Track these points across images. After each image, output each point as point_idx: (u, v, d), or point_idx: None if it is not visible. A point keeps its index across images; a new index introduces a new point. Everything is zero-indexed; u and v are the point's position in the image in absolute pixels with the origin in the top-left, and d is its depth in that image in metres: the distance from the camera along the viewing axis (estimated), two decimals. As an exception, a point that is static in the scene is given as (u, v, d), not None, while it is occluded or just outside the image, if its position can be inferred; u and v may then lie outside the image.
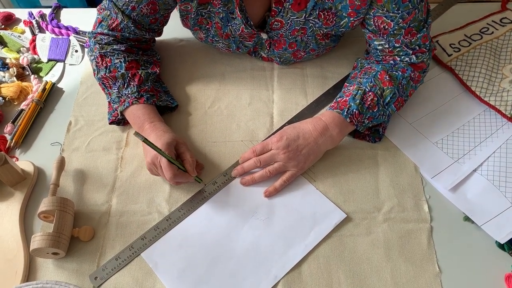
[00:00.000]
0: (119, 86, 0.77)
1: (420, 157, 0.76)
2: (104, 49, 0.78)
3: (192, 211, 0.71)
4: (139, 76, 0.77)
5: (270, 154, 0.72)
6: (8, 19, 1.00)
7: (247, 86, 0.87)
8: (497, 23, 0.92)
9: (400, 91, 0.74)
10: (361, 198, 0.72)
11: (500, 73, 0.84)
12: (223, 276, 0.65)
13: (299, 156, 0.71)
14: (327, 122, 0.73)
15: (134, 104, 0.75)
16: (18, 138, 0.80)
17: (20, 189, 0.74)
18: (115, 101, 0.77)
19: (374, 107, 0.73)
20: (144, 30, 0.80)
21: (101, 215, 0.72)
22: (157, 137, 0.70)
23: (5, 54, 0.92)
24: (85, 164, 0.77)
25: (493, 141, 0.76)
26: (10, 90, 0.85)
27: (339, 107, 0.73)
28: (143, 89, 0.77)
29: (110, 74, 0.77)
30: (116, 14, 0.77)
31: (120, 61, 0.78)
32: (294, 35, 0.78)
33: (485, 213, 0.69)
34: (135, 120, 0.75)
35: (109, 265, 0.66)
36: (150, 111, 0.75)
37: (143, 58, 0.82)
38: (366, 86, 0.73)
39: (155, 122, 0.74)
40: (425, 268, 0.66)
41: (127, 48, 0.80)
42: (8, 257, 0.67)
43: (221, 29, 0.79)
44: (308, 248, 0.67)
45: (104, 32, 0.79)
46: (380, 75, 0.74)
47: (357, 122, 0.72)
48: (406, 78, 0.75)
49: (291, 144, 0.71)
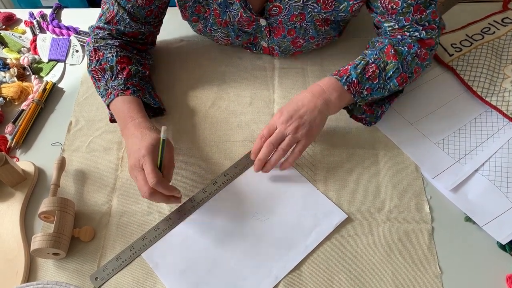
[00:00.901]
0: (107, 79, 0.76)
1: (421, 157, 0.76)
2: (98, 43, 0.79)
3: (193, 211, 0.71)
4: (128, 70, 0.76)
5: (278, 132, 0.71)
6: (9, 20, 1.00)
7: (248, 86, 0.87)
8: (498, 23, 0.92)
9: (404, 66, 0.73)
10: (362, 199, 0.72)
11: (501, 73, 0.83)
12: (223, 277, 0.65)
13: (305, 123, 0.70)
14: (324, 87, 0.72)
15: (120, 96, 0.73)
16: (18, 138, 0.80)
17: (21, 190, 0.74)
18: (103, 95, 0.77)
19: (374, 79, 0.72)
20: (140, 23, 0.79)
21: (101, 215, 0.72)
22: (142, 136, 0.67)
23: (5, 55, 0.92)
24: (86, 164, 0.77)
25: (495, 142, 0.76)
26: (11, 90, 0.85)
27: (339, 74, 0.73)
28: (130, 82, 0.76)
29: (100, 67, 0.77)
30: (113, 6, 0.77)
31: (112, 55, 0.77)
32: (292, 21, 0.77)
33: (487, 214, 0.69)
34: (119, 115, 0.73)
35: (109, 265, 0.66)
36: (135, 105, 0.73)
37: (135, 57, 0.81)
38: (370, 57, 0.73)
39: (139, 119, 0.71)
40: (426, 268, 0.65)
41: (121, 44, 0.80)
42: (9, 257, 0.67)
43: (219, 16, 0.78)
44: (309, 248, 0.67)
45: (100, 25, 0.79)
46: (386, 49, 0.73)
47: (355, 91, 0.72)
48: (412, 54, 0.74)
49: (293, 115, 0.70)
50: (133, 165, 0.66)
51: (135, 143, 0.67)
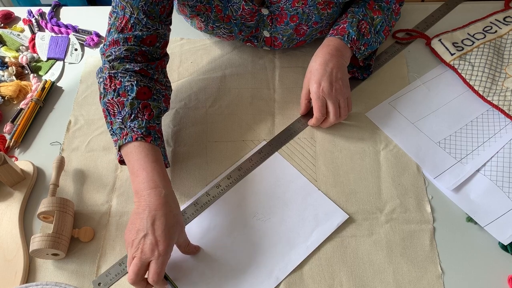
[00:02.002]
0: (125, 116, 0.66)
1: (422, 157, 0.76)
2: (115, 69, 0.69)
3: (196, 215, 0.70)
4: (150, 110, 0.67)
5: (333, 103, 0.74)
6: (7, 18, 0.99)
7: (248, 85, 0.87)
8: (500, 21, 0.91)
9: (386, 20, 0.82)
10: (363, 199, 0.72)
11: (503, 72, 0.83)
12: (225, 277, 0.65)
13: (342, 81, 0.75)
14: (336, 46, 0.77)
15: (139, 141, 0.64)
16: (17, 137, 0.80)
17: (20, 189, 0.73)
18: (116, 133, 0.66)
19: (367, 34, 0.79)
20: (156, 21, 0.70)
21: (101, 215, 0.71)
22: (166, 225, 0.58)
23: (4, 53, 0.92)
24: (85, 164, 0.77)
25: (497, 141, 0.75)
26: (9, 89, 0.85)
27: (339, 33, 0.77)
28: (152, 126, 0.67)
29: (118, 98, 0.67)
30: (123, 11, 0.69)
31: (132, 84, 0.68)
32: (294, 7, 0.77)
33: (488, 214, 0.69)
34: (135, 164, 0.63)
35: (112, 270, 0.66)
36: (155, 156, 0.63)
37: (156, 86, 0.72)
38: (358, 14, 0.79)
39: (164, 190, 0.60)
40: (428, 269, 0.65)
41: (142, 69, 0.70)
42: (8, 258, 0.67)
43: (221, 11, 0.78)
44: (310, 249, 0.67)
45: (114, 39, 0.69)
46: (369, 5, 0.81)
47: (355, 48, 0.77)
48: (390, 9, 0.83)
49: (330, 80, 0.74)
50: (141, 253, 0.58)
51: (155, 229, 0.58)
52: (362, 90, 0.84)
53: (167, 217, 0.58)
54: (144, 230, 0.58)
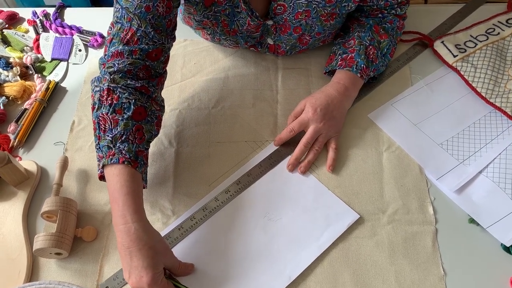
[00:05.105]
0: (115, 135, 0.64)
1: (425, 158, 0.76)
2: (115, 82, 0.67)
3: (205, 220, 0.70)
4: (142, 133, 0.66)
5: (313, 131, 0.75)
6: (12, 18, 1.00)
7: (251, 86, 0.87)
8: (503, 23, 0.91)
9: (392, 41, 0.84)
10: (366, 200, 0.72)
11: (506, 74, 0.83)
12: (237, 277, 0.65)
13: (335, 121, 0.76)
14: (346, 84, 0.78)
15: (125, 164, 0.63)
16: (21, 137, 0.80)
17: (23, 189, 0.73)
18: (102, 150, 0.65)
19: (375, 59, 0.80)
20: (163, 35, 0.69)
21: (104, 215, 0.71)
22: (143, 263, 0.59)
23: (8, 53, 0.92)
24: (88, 164, 0.77)
25: (499, 143, 0.75)
26: (14, 89, 0.85)
27: (348, 65, 0.79)
28: (141, 151, 0.66)
29: (113, 115, 0.65)
30: (129, 22, 0.66)
31: (130, 102, 0.66)
32: (298, 19, 0.77)
33: (491, 216, 0.68)
34: (110, 189, 0.63)
35: (120, 274, 0.65)
36: (130, 188, 0.62)
37: (152, 107, 0.70)
38: (365, 40, 0.80)
39: (135, 224, 0.60)
40: (430, 270, 0.65)
41: (143, 86, 0.68)
42: (11, 256, 0.67)
43: (228, 26, 0.78)
44: (322, 248, 0.67)
45: (118, 50, 0.66)
46: (375, 28, 0.82)
47: (365, 76, 0.79)
48: (394, 28, 0.84)
49: (326, 113, 0.75)
50: (133, 286, 0.60)
51: (134, 265, 0.59)
52: (365, 91, 0.84)
53: (142, 251, 0.59)
54: (128, 268, 0.59)
